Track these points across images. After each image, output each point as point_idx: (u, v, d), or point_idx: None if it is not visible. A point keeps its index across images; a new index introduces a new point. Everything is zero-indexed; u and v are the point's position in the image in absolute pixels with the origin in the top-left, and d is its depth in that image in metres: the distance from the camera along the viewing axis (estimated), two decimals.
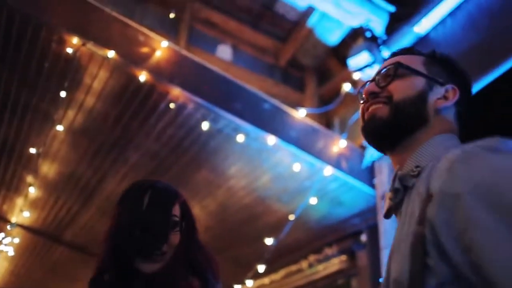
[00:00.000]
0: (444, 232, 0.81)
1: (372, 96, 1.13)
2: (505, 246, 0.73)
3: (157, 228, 1.40)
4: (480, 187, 0.79)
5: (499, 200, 0.76)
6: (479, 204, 0.77)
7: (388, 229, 3.95)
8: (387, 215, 1.11)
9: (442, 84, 1.12)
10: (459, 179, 0.82)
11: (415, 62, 1.16)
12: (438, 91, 1.12)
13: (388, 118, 1.08)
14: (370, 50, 4.30)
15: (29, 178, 4.77)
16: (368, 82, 1.17)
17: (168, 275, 1.39)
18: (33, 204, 5.33)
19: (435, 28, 4.19)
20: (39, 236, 6.13)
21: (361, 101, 1.19)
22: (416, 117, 1.08)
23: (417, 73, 1.12)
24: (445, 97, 1.11)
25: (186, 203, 1.58)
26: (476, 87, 3.74)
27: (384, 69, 1.15)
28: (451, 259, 0.80)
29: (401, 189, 1.04)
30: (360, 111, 1.19)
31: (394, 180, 1.08)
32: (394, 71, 1.12)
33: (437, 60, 1.18)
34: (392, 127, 1.09)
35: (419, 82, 1.11)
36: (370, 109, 1.13)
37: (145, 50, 3.73)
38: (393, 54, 1.23)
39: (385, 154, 1.17)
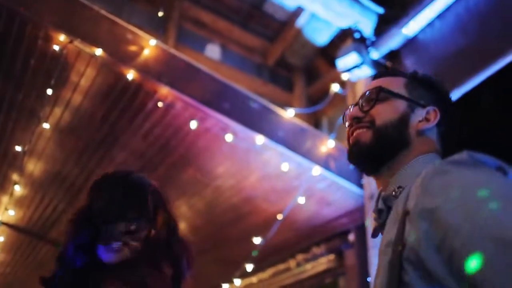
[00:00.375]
0: (423, 245, 0.83)
1: (356, 121, 1.18)
2: (486, 251, 0.74)
3: (119, 218, 1.39)
4: (453, 200, 0.82)
5: (471, 210, 0.79)
6: (454, 214, 0.80)
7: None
8: (374, 235, 1.15)
9: (423, 106, 1.16)
10: (433, 194, 0.85)
11: (397, 84, 1.20)
12: (419, 113, 1.15)
13: (371, 143, 1.13)
14: (358, 51, 4.32)
15: (15, 176, 4.72)
16: (352, 106, 1.22)
17: (130, 266, 1.35)
18: (19, 203, 5.27)
19: (423, 30, 4.22)
20: (25, 235, 6.07)
21: (346, 125, 1.23)
22: (398, 141, 1.12)
23: (398, 96, 1.16)
24: (426, 119, 1.15)
25: (159, 195, 1.56)
26: (463, 89, 3.78)
27: (367, 93, 1.19)
28: (433, 273, 0.82)
29: (384, 210, 1.08)
30: (346, 135, 1.23)
31: (377, 201, 1.12)
32: (376, 95, 1.16)
33: (418, 81, 1.21)
34: (375, 151, 1.13)
35: (400, 105, 1.15)
36: (354, 134, 1.17)
37: (133, 48, 3.70)
38: (375, 76, 1.27)
39: (370, 176, 1.21)
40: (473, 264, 0.74)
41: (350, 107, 1.24)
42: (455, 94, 3.82)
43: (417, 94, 1.18)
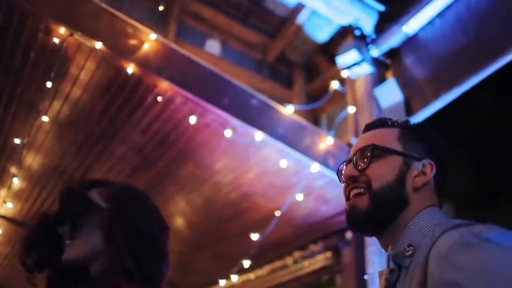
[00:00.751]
0: None
1: (352, 180, 1.16)
2: None
3: (62, 217, 1.26)
4: (478, 279, 0.83)
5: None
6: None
7: None
8: None
9: (419, 160, 1.14)
10: (458, 269, 0.86)
11: (390, 138, 1.18)
12: (415, 167, 1.14)
13: (369, 209, 1.11)
14: (358, 48, 4.32)
15: (13, 169, 4.71)
16: (345, 164, 1.22)
17: (73, 264, 1.21)
18: (17, 196, 5.27)
19: (423, 28, 4.22)
20: (22, 228, 6.06)
21: (341, 182, 1.23)
22: (396, 203, 1.11)
23: (394, 152, 1.15)
24: (423, 173, 1.14)
25: (118, 193, 1.34)
26: (463, 88, 3.78)
27: (360, 151, 1.17)
28: None
29: (396, 269, 1.07)
30: (343, 191, 1.21)
31: (388, 261, 1.11)
32: (371, 153, 1.14)
33: (410, 132, 1.20)
34: (373, 217, 1.12)
35: (396, 162, 1.14)
36: (351, 200, 1.16)
37: (133, 42, 3.69)
38: (367, 128, 1.26)
39: (371, 236, 1.20)
40: None
41: (343, 163, 1.23)
42: (455, 93, 3.82)
43: (411, 147, 1.17)
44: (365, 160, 1.15)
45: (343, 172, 1.22)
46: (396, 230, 1.11)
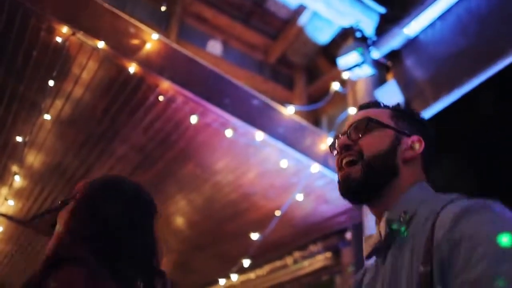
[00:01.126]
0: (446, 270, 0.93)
1: (345, 149, 1.23)
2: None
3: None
4: (474, 237, 0.92)
5: (497, 243, 0.89)
6: (484, 242, 0.90)
7: (372, 227, 3.99)
8: (368, 257, 1.20)
9: (408, 136, 1.22)
10: (461, 230, 0.94)
11: (383, 115, 1.26)
12: (405, 142, 1.21)
13: (361, 178, 1.18)
14: (359, 50, 4.33)
15: (14, 167, 4.74)
16: (340, 135, 1.27)
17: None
18: (18, 194, 5.29)
19: (424, 30, 4.24)
20: (23, 226, 6.09)
21: (335, 153, 1.29)
22: (387, 171, 1.19)
23: (386, 126, 1.22)
24: (411, 148, 1.21)
25: (89, 184, 1.42)
26: (463, 90, 3.80)
27: (355, 123, 1.25)
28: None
29: (388, 233, 1.13)
30: (335, 163, 1.28)
31: (378, 225, 1.19)
32: (364, 126, 1.22)
33: (401, 113, 1.28)
34: (365, 186, 1.19)
35: (388, 136, 1.21)
36: (344, 170, 1.22)
37: (135, 42, 3.71)
38: (361, 107, 1.33)
39: (361, 205, 1.28)
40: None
41: (338, 136, 1.29)
42: (455, 95, 3.84)
43: (402, 125, 1.24)
44: (359, 131, 1.22)
45: (336, 144, 1.28)
46: (388, 198, 1.18)
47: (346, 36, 4.90)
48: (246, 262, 4.57)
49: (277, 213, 4.50)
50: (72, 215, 1.32)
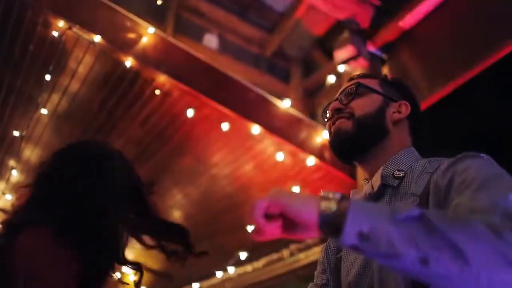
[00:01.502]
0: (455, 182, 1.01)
1: (337, 112, 1.29)
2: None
3: None
4: (473, 165, 1.01)
5: (487, 169, 1.00)
6: (477, 172, 0.98)
7: None
8: None
9: (395, 101, 1.30)
10: (460, 166, 1.03)
11: (372, 83, 1.33)
12: (393, 106, 1.29)
13: (352, 130, 1.24)
14: (355, 43, 4.34)
15: (12, 162, 4.75)
16: (332, 101, 1.34)
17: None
18: (15, 188, 5.30)
19: (420, 23, 4.24)
20: None
21: (326, 119, 1.35)
22: (378, 128, 1.26)
23: (375, 91, 1.30)
24: (399, 111, 1.29)
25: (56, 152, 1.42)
26: (458, 83, 3.82)
27: (346, 89, 1.32)
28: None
29: (381, 188, 1.20)
30: (327, 128, 1.34)
31: (367, 181, 1.26)
32: (355, 90, 1.29)
33: (390, 82, 1.37)
34: (357, 138, 1.24)
35: (377, 99, 1.29)
36: (335, 123, 1.28)
37: (131, 36, 3.72)
38: (352, 78, 1.40)
39: (353, 163, 1.33)
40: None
41: (330, 102, 1.35)
42: (450, 87, 3.86)
43: (390, 91, 1.33)
44: (350, 95, 1.30)
45: (328, 109, 1.34)
46: (379, 157, 1.25)
47: (342, 29, 4.90)
48: (243, 255, 4.60)
49: None
50: (33, 184, 1.34)
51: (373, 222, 0.80)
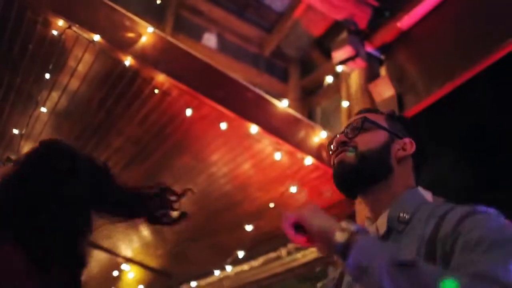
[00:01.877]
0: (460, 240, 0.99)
1: (341, 145, 1.30)
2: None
3: None
4: (480, 228, 0.99)
5: (493, 238, 0.95)
6: (483, 234, 0.96)
7: (363, 218, 4.04)
8: None
9: (401, 138, 1.30)
10: (468, 223, 1.02)
11: (379, 118, 1.34)
12: (398, 143, 1.29)
13: (356, 163, 1.25)
14: (353, 43, 4.37)
15: None
16: (338, 135, 1.34)
17: None
18: None
19: (417, 24, 4.27)
20: None
21: (331, 152, 1.36)
22: (381, 164, 1.26)
23: (381, 127, 1.30)
24: (403, 149, 1.29)
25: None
26: (456, 84, 3.84)
27: (352, 123, 1.32)
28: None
29: (388, 231, 1.20)
30: (331, 161, 1.35)
31: (371, 221, 1.27)
32: (361, 125, 1.29)
33: (396, 118, 1.37)
34: (359, 171, 1.25)
35: (382, 135, 1.29)
36: (338, 156, 1.29)
37: (130, 35, 3.74)
38: (360, 112, 1.40)
39: (356, 198, 1.34)
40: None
41: (336, 135, 1.36)
42: (448, 88, 3.88)
43: (396, 128, 1.33)
44: (355, 130, 1.30)
45: (333, 142, 1.35)
46: (381, 193, 1.25)
47: (340, 30, 4.93)
48: (241, 254, 4.63)
49: (271, 205, 4.55)
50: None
51: (372, 261, 0.90)
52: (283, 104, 4.29)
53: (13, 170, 1.29)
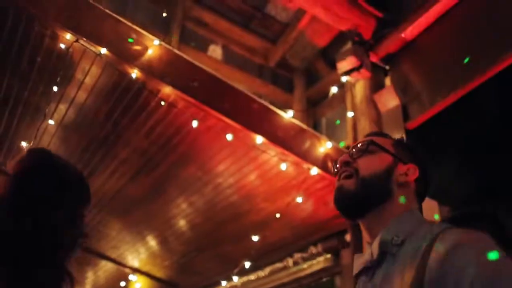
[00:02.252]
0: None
1: (344, 165, 1.33)
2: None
3: None
4: (471, 267, 0.98)
5: (484, 281, 0.95)
6: (474, 275, 0.96)
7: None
8: (359, 275, 1.30)
9: (405, 163, 1.31)
10: (456, 259, 1.01)
11: (385, 142, 1.35)
12: (401, 168, 1.30)
13: (354, 190, 1.27)
14: (357, 54, 4.39)
15: None
16: (344, 154, 1.37)
17: None
18: None
19: (422, 34, 4.29)
20: None
21: (335, 171, 1.38)
22: (381, 189, 1.27)
23: (386, 150, 1.32)
24: (406, 174, 1.30)
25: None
26: (459, 94, 3.85)
27: (359, 144, 1.35)
28: None
29: (379, 255, 1.20)
30: (336, 178, 1.37)
31: (368, 243, 1.28)
32: (366, 147, 1.32)
33: (403, 144, 1.39)
34: (358, 197, 1.27)
35: (385, 159, 1.31)
36: (339, 182, 1.32)
37: (137, 48, 3.77)
38: (368, 135, 1.43)
39: (356, 221, 1.34)
40: None
41: (342, 154, 1.39)
42: (452, 98, 3.88)
43: (401, 153, 1.34)
44: (360, 151, 1.32)
45: (338, 161, 1.37)
46: (380, 217, 1.26)
47: (345, 40, 4.96)
48: (247, 264, 4.63)
49: (277, 215, 4.55)
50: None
51: None
52: (288, 115, 4.31)
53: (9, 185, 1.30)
